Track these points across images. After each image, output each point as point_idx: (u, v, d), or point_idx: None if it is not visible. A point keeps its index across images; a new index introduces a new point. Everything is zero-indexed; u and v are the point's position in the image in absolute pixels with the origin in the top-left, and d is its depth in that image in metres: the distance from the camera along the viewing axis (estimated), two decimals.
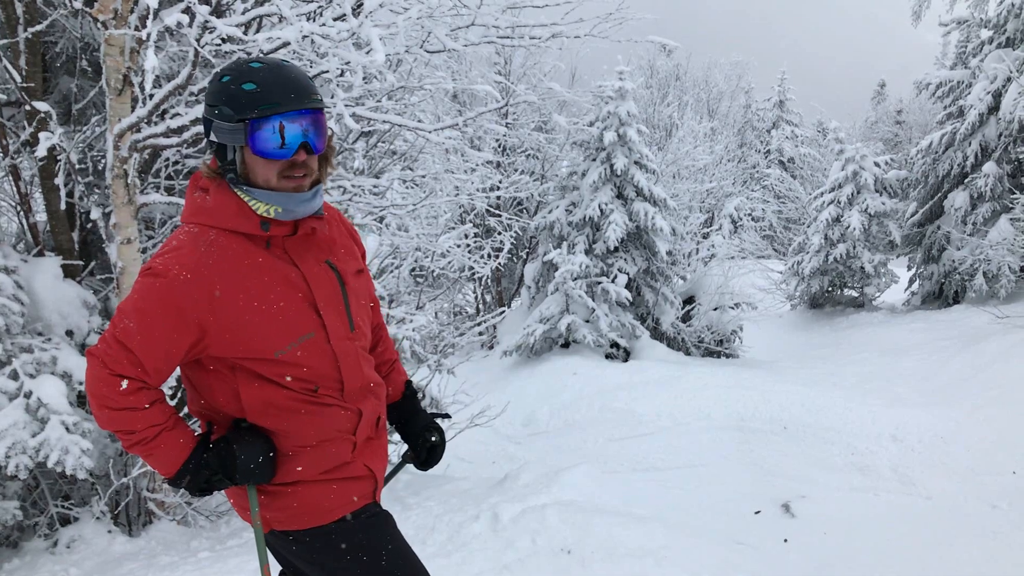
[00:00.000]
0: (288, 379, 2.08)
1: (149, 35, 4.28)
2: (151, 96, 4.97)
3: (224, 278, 2.00)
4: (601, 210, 12.90)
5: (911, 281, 16.20)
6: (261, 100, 1.96)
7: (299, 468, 2.15)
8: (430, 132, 6.39)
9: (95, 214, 5.54)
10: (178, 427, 2.09)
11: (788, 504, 6.71)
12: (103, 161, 5.77)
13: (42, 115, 5.21)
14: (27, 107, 5.33)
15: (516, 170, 16.23)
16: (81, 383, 5.19)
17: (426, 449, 2.51)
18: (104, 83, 5.01)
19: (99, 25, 4.76)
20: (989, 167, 13.45)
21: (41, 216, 6.05)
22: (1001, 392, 8.27)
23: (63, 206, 5.65)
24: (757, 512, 6.65)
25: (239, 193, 2.04)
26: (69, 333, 5.51)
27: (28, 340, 5.16)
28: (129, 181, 5.13)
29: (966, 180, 14.08)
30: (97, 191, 6.04)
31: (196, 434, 2.16)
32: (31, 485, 5.52)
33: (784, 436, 8.35)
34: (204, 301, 1.98)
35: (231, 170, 2.04)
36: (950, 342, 10.95)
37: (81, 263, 5.89)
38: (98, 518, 5.53)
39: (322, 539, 2.18)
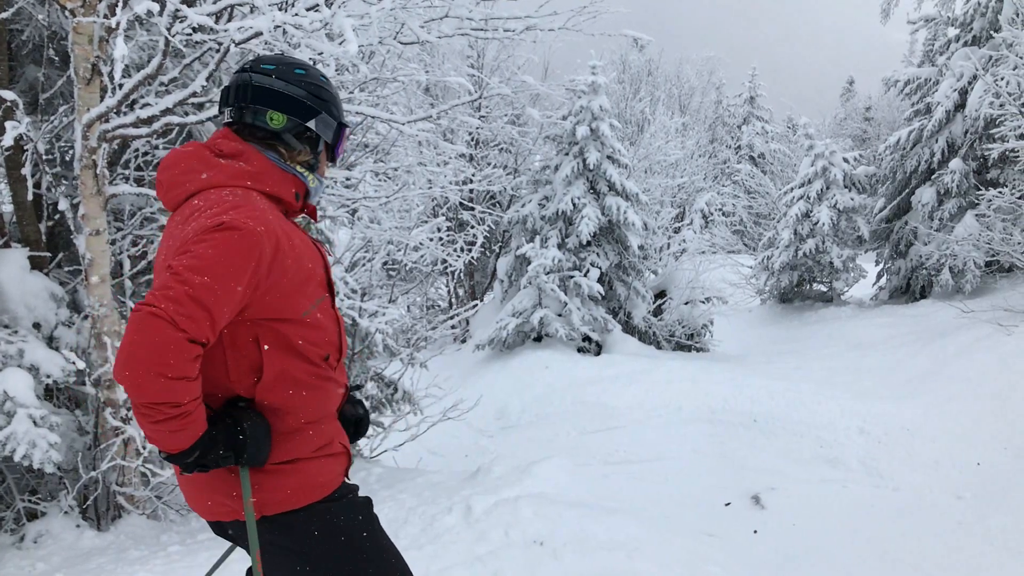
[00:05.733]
0: (307, 344, 2.14)
1: (119, 23, 4.23)
2: (120, 86, 4.90)
3: (281, 235, 2.04)
4: (574, 204, 12.93)
5: (879, 276, 16.40)
6: (341, 109, 2.35)
7: (300, 445, 2.16)
8: (403, 124, 6.37)
9: (63, 205, 5.46)
10: (203, 400, 2.01)
11: (758, 496, 6.78)
12: (71, 151, 5.68)
13: (8, 104, 5.12)
14: None
15: (489, 163, 16.17)
16: (48, 376, 5.12)
17: (352, 423, 2.51)
18: (72, 72, 4.93)
19: (67, 13, 4.69)
20: (956, 164, 13.64)
21: (7, 207, 5.96)
22: (966, 386, 8.42)
23: (30, 197, 5.57)
24: (727, 504, 6.71)
25: (301, 171, 2.28)
26: (36, 326, 5.43)
27: None
28: (98, 172, 5.07)
29: (933, 176, 14.27)
30: (65, 182, 5.96)
31: None
32: None
33: (754, 429, 8.44)
34: (270, 255, 1.98)
35: (316, 157, 2.32)
36: (916, 336, 11.11)
37: (48, 255, 5.81)
38: (66, 512, 5.46)
39: (312, 520, 2.16)
